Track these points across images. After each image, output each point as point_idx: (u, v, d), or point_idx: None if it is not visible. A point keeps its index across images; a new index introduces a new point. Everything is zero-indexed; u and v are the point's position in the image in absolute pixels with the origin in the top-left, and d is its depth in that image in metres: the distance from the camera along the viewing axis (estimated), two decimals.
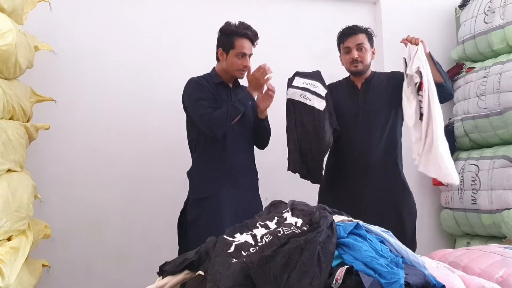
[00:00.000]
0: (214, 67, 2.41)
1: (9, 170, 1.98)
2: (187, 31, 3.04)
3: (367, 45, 2.40)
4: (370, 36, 2.43)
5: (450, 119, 3.37)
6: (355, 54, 2.37)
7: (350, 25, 2.44)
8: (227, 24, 2.33)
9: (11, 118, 2.10)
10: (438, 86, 2.25)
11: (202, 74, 2.38)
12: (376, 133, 2.37)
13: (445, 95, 2.32)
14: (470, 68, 3.24)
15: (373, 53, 2.46)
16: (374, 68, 3.43)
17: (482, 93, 3.01)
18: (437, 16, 3.55)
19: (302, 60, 3.29)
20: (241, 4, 3.18)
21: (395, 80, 2.43)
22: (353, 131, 2.38)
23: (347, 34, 2.41)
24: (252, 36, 2.31)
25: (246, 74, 2.33)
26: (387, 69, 3.41)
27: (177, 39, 3.01)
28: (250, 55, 2.33)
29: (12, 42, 1.91)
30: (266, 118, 2.41)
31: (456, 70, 3.37)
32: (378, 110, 2.39)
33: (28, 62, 2.25)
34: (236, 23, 2.31)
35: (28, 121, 2.37)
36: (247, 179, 2.37)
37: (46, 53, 2.60)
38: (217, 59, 2.38)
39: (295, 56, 3.27)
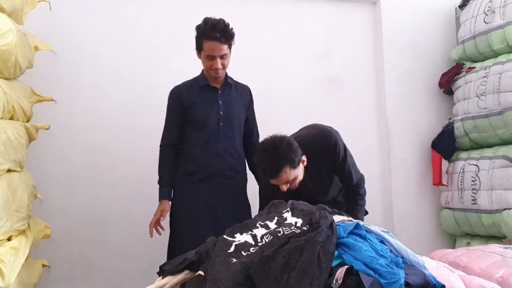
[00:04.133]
0: (202, 70, 2.40)
1: (9, 170, 1.98)
2: (186, 31, 3.02)
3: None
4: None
5: (450, 119, 3.38)
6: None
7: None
8: (201, 23, 2.27)
9: (11, 118, 2.10)
10: None
11: (192, 78, 2.41)
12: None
13: None
14: (470, 68, 3.24)
15: (303, 162, 2.11)
16: (374, 66, 3.47)
17: (482, 93, 3.01)
18: (437, 16, 3.55)
19: (302, 60, 3.30)
20: (241, 4, 3.18)
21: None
22: None
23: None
24: (221, 37, 2.21)
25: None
26: (387, 68, 3.43)
27: (177, 39, 3.01)
28: (224, 55, 2.25)
29: (12, 42, 1.91)
30: None
31: (456, 70, 3.37)
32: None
33: (28, 62, 2.24)
34: (208, 23, 2.23)
35: (28, 121, 2.37)
36: (233, 182, 2.36)
37: (46, 53, 2.61)
38: None
39: (295, 56, 3.27)
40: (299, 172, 2.01)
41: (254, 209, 2.39)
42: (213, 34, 2.20)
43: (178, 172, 2.35)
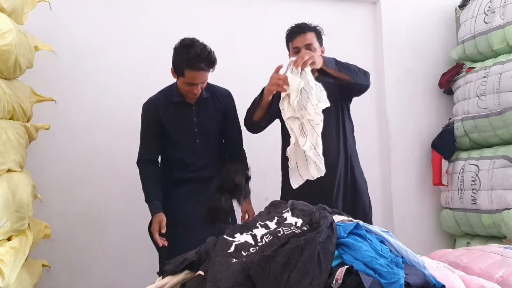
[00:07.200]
0: (176, 82, 2.30)
1: (9, 170, 1.98)
2: (187, 30, 3.03)
3: (316, 44, 2.32)
4: (319, 35, 2.35)
5: (450, 119, 3.38)
6: None
7: (299, 22, 2.37)
8: (181, 48, 2.15)
9: (11, 118, 2.10)
10: (349, 83, 2.22)
11: (165, 88, 2.33)
12: (332, 132, 2.30)
13: (359, 88, 2.30)
14: (470, 68, 3.24)
15: (322, 51, 2.37)
16: (374, 66, 3.46)
17: (482, 93, 3.01)
18: (437, 16, 3.55)
19: None
20: (241, 4, 3.19)
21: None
22: None
23: (295, 33, 2.33)
24: (205, 66, 2.11)
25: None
26: (387, 68, 3.43)
27: (177, 39, 3.00)
28: (204, 81, 2.19)
29: (12, 42, 1.91)
30: None
31: (456, 70, 3.37)
32: (328, 109, 2.18)
33: (28, 62, 2.24)
34: (191, 50, 2.09)
35: (28, 121, 2.37)
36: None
37: (46, 53, 2.60)
38: None
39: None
40: (318, 50, 2.32)
41: None
42: (198, 64, 2.09)
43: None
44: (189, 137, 2.29)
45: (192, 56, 2.08)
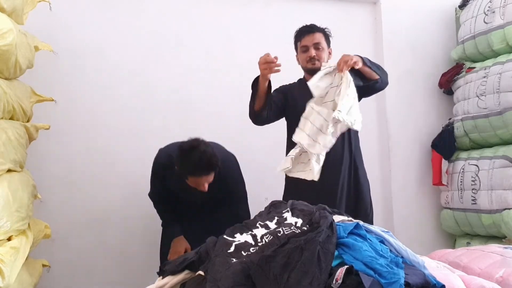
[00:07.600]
0: None
1: (9, 170, 1.98)
2: (187, 30, 3.04)
3: (324, 44, 2.37)
4: (327, 36, 2.40)
5: (450, 119, 3.38)
6: (313, 52, 2.34)
7: (308, 24, 2.42)
8: (181, 153, 2.08)
9: (11, 118, 2.10)
10: (375, 83, 2.27)
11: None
12: None
13: (381, 87, 2.34)
14: (470, 68, 3.24)
15: (330, 53, 2.41)
16: None
17: (482, 93, 3.01)
18: (437, 16, 3.55)
19: None
20: (241, 4, 3.18)
21: None
22: None
23: (304, 33, 2.38)
24: (206, 172, 2.07)
25: None
26: (387, 68, 3.42)
27: (177, 39, 3.01)
28: (210, 179, 2.13)
29: (12, 42, 1.90)
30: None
31: (456, 70, 3.37)
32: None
33: (28, 62, 2.24)
34: (189, 159, 2.03)
35: (28, 121, 2.37)
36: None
37: (46, 53, 2.60)
38: None
39: (295, 56, 3.27)
40: (326, 50, 2.38)
41: None
42: (198, 172, 2.06)
43: None
44: (190, 201, 2.36)
45: (191, 166, 2.05)
